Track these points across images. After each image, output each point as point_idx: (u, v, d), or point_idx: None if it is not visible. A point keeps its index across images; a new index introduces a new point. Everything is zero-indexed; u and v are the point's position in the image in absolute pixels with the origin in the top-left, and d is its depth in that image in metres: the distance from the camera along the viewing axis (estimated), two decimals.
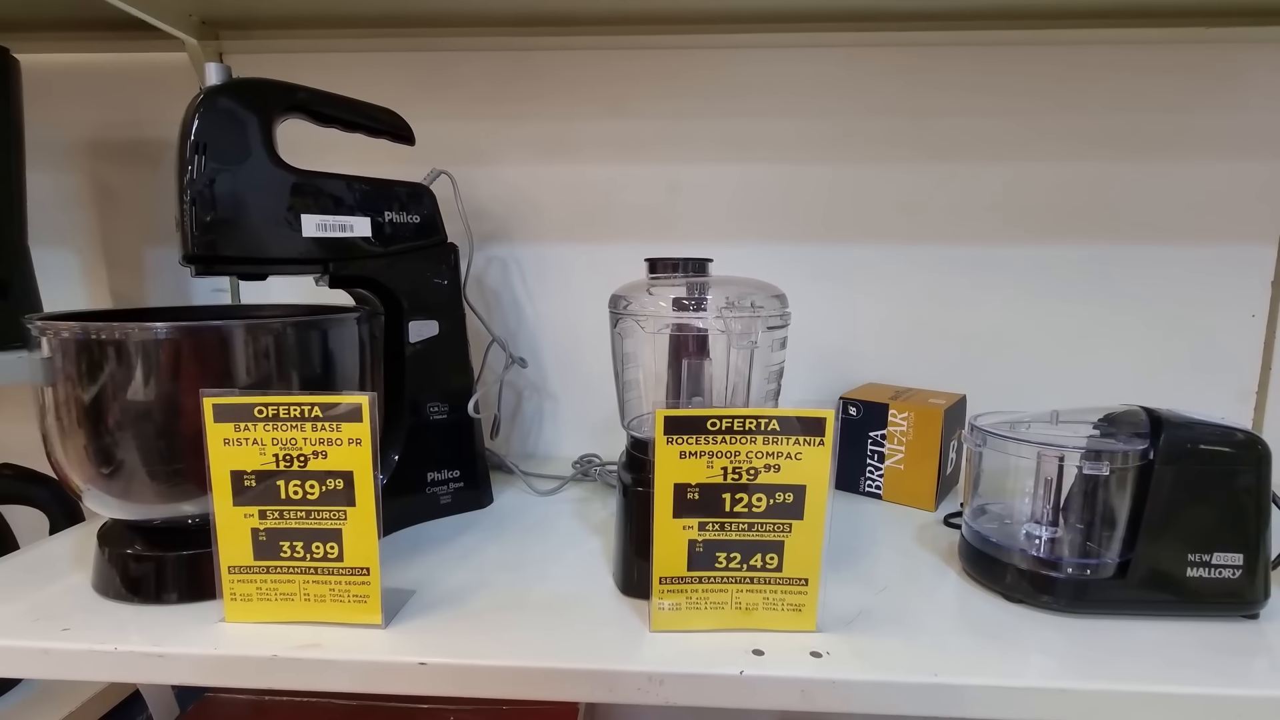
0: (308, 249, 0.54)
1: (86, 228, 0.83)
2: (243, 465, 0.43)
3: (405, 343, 0.60)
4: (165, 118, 0.81)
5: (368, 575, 0.43)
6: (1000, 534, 0.50)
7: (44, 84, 0.73)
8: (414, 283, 0.60)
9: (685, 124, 0.77)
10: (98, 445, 0.45)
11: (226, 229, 0.50)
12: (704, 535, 0.42)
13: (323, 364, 0.50)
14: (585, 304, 0.81)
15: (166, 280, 0.85)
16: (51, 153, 0.80)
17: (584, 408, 0.83)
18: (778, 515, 0.41)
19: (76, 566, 0.52)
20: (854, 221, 0.77)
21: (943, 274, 0.77)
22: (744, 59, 0.76)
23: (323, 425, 0.42)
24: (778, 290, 0.48)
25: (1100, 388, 0.77)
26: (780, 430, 0.40)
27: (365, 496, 0.42)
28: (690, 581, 0.42)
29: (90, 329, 0.43)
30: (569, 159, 0.79)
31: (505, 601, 0.47)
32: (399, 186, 0.59)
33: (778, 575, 0.42)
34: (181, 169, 0.49)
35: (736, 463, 0.41)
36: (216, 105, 0.49)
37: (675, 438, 0.40)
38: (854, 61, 0.75)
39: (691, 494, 0.41)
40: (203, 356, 0.45)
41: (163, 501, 0.46)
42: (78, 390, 0.44)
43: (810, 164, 0.77)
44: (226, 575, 0.44)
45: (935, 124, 0.75)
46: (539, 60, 0.77)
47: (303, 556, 0.43)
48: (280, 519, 0.43)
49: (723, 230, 0.78)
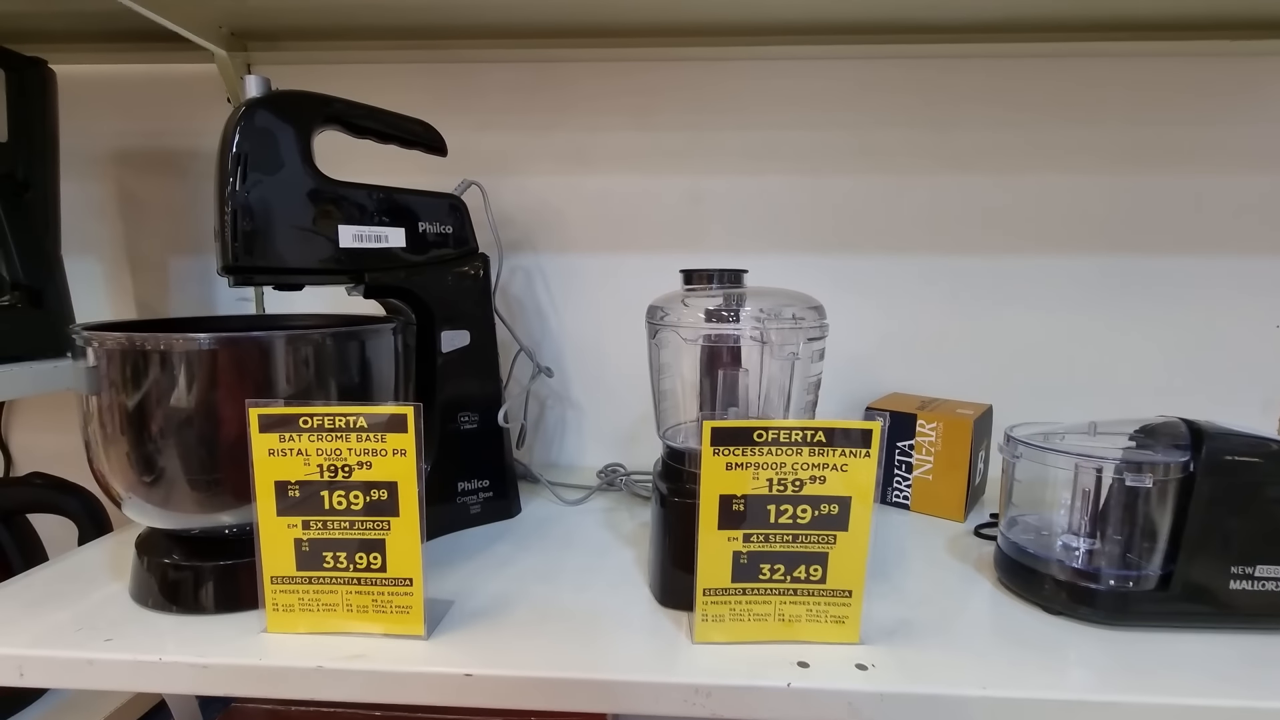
0: (344, 259, 0.54)
1: (112, 237, 0.84)
2: (287, 475, 0.43)
3: (437, 352, 0.60)
4: (193, 128, 0.82)
5: (410, 586, 0.43)
6: (1037, 545, 0.50)
7: (72, 94, 0.73)
8: (446, 292, 0.60)
9: (709, 135, 0.78)
10: (140, 453, 0.45)
11: (266, 240, 0.50)
12: (748, 547, 0.42)
13: (360, 374, 0.50)
14: (609, 314, 0.81)
15: (191, 289, 0.85)
16: (79, 162, 0.81)
17: (607, 417, 0.83)
18: (822, 527, 0.41)
19: (113, 575, 0.52)
20: (876, 232, 0.78)
21: (964, 285, 0.78)
22: (767, 71, 0.76)
23: (367, 436, 0.42)
24: (815, 301, 0.48)
25: (1124, 399, 0.77)
26: (827, 442, 0.40)
27: (409, 507, 0.43)
28: (734, 593, 0.42)
29: (136, 339, 0.44)
30: (594, 170, 0.79)
31: (544, 612, 0.47)
32: (433, 197, 0.60)
33: (821, 587, 0.42)
34: (222, 180, 0.49)
35: (782, 474, 0.41)
36: (257, 117, 0.50)
37: (722, 449, 0.40)
38: (875, 74, 0.76)
39: (737, 505, 0.41)
40: (246, 367, 0.45)
41: (203, 511, 0.47)
42: (122, 399, 0.44)
43: (832, 175, 0.77)
44: (269, 585, 0.44)
45: (956, 136, 0.76)
46: (564, 72, 0.78)
47: (345, 567, 0.43)
48: (324, 529, 0.43)
49: (746, 241, 0.79)
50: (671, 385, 0.53)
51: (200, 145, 0.82)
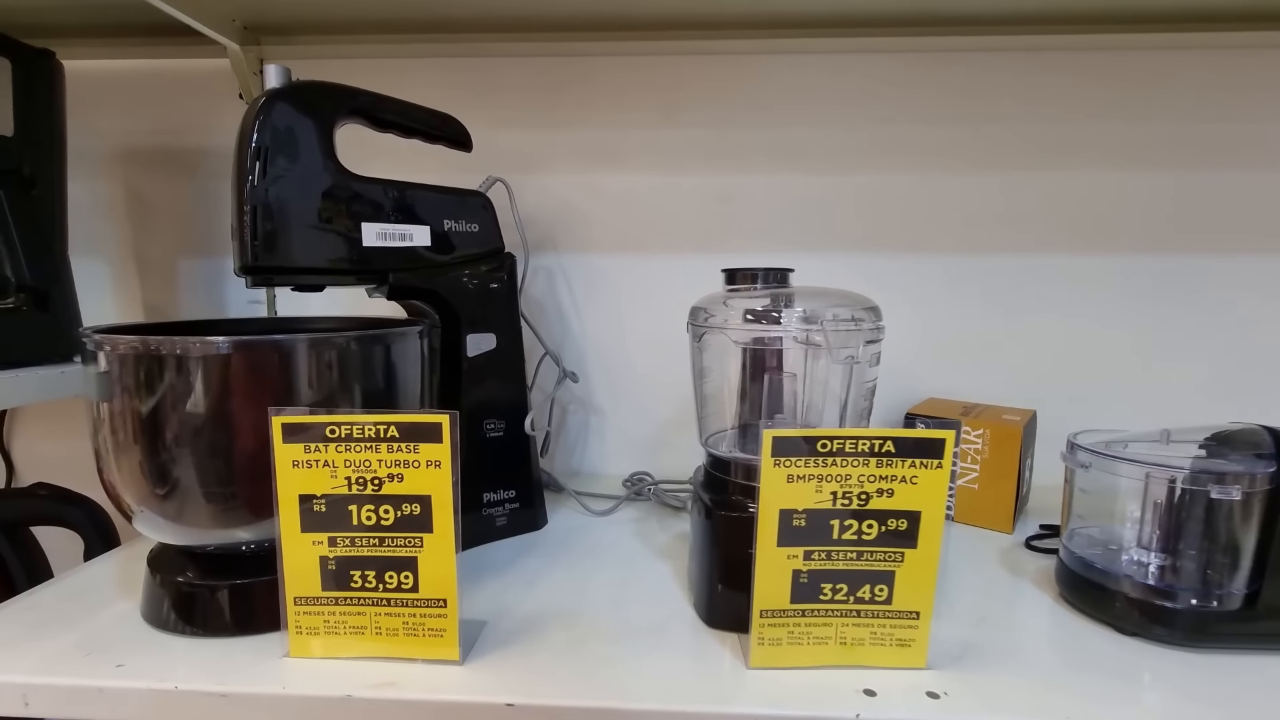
0: (368, 259, 0.51)
1: (119, 237, 0.81)
2: (312, 489, 0.40)
3: (463, 356, 0.57)
4: (204, 125, 0.79)
5: (445, 608, 0.40)
6: (1105, 560, 0.47)
7: (79, 90, 0.71)
8: (472, 294, 0.57)
9: (737, 132, 0.75)
10: (155, 464, 0.42)
11: (287, 238, 0.47)
12: (809, 565, 0.39)
13: (386, 379, 0.48)
14: (633, 316, 0.78)
15: (201, 292, 0.82)
16: (85, 160, 0.78)
17: (631, 423, 0.80)
18: (889, 543, 0.38)
19: (122, 593, 0.49)
20: (908, 232, 0.75)
21: (1000, 286, 0.75)
22: (795, 66, 0.74)
23: (399, 446, 0.39)
24: (870, 301, 0.45)
25: (1168, 404, 0.74)
26: (895, 452, 0.37)
27: (444, 522, 0.40)
28: (792, 615, 0.39)
29: (151, 343, 0.41)
30: (618, 168, 0.77)
31: (584, 634, 0.44)
32: (458, 194, 0.57)
33: (887, 608, 0.39)
34: (240, 176, 0.47)
35: (847, 487, 0.38)
36: (278, 109, 0.47)
37: (783, 460, 0.37)
38: (907, 68, 0.73)
39: (798, 520, 0.38)
40: (266, 372, 0.43)
41: (220, 526, 0.44)
42: (135, 406, 0.41)
43: (863, 173, 0.75)
44: (292, 607, 0.41)
45: (990, 132, 0.73)
46: (587, 66, 0.75)
47: (375, 587, 0.40)
48: (351, 547, 0.40)
49: (775, 241, 0.76)
50: (715, 390, 0.50)
51: (211, 143, 0.79)
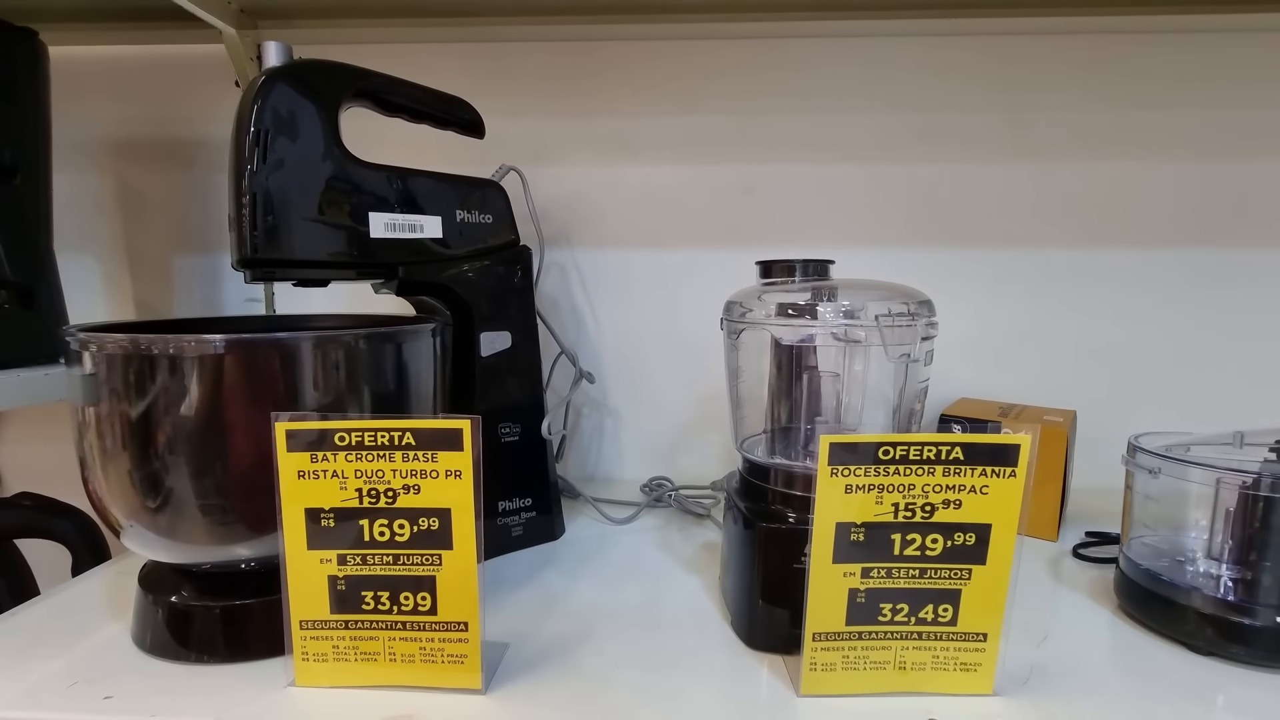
0: (376, 251, 0.48)
1: (109, 232, 0.77)
2: (320, 502, 0.36)
3: (476, 356, 0.54)
4: (199, 114, 0.75)
5: (465, 631, 0.37)
6: (1173, 572, 0.44)
7: (65, 77, 0.67)
8: (486, 289, 0.54)
9: (761, 121, 0.72)
10: (145, 474, 0.38)
11: (289, 229, 0.44)
12: (867, 583, 0.35)
13: (397, 381, 0.44)
14: (651, 314, 0.75)
15: (195, 289, 0.78)
16: (72, 151, 0.74)
17: (648, 426, 0.76)
18: (955, 559, 0.35)
19: (112, 614, 0.45)
20: (942, 224, 0.72)
21: (1038, 280, 0.72)
22: (823, 50, 0.70)
23: (416, 455, 0.36)
24: (923, 294, 0.42)
25: (1214, 404, 0.71)
26: (965, 459, 0.34)
27: (465, 538, 0.36)
28: (847, 638, 0.36)
29: (141, 342, 0.37)
30: (635, 158, 0.73)
31: (616, 657, 0.40)
32: (471, 183, 0.54)
33: (951, 630, 0.36)
34: (239, 162, 0.43)
35: (910, 498, 0.34)
36: (279, 90, 0.44)
37: (842, 468, 0.34)
38: (942, 53, 0.70)
39: (855, 535, 0.35)
40: (267, 374, 0.39)
41: (216, 543, 0.40)
42: (124, 411, 0.38)
43: (895, 163, 0.71)
44: (298, 631, 0.37)
45: (1030, 119, 0.70)
46: (604, 52, 0.72)
47: (389, 609, 0.37)
48: (363, 565, 0.37)
49: (801, 234, 0.73)
50: (751, 391, 0.46)
51: (206, 133, 0.75)
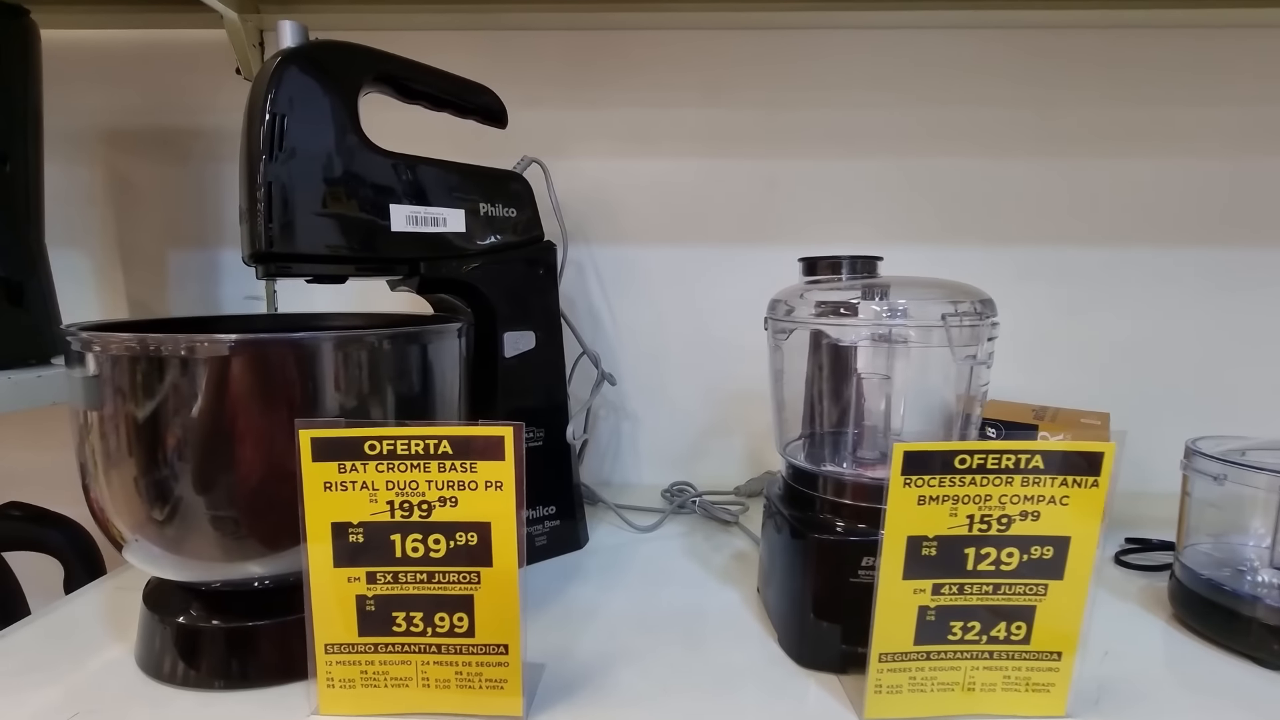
0: (397, 246, 0.45)
1: (101, 226, 0.74)
2: (348, 516, 0.34)
3: (500, 357, 0.51)
4: (197, 103, 0.72)
5: (506, 654, 0.34)
6: (1235, 582, 0.42)
7: (55, 62, 0.63)
8: (510, 287, 0.51)
9: (785, 114, 0.70)
10: (153, 483, 0.35)
11: (307, 221, 0.41)
12: (937, 600, 0.33)
13: (422, 385, 0.41)
14: (670, 313, 0.73)
15: (191, 287, 0.75)
16: (62, 141, 0.70)
17: (667, 430, 0.74)
18: (1031, 574, 0.33)
19: (114, 634, 0.42)
20: (969, 221, 0.70)
21: (1067, 278, 0.70)
22: (851, 41, 0.68)
23: (453, 465, 0.33)
24: (983, 292, 0.40)
25: (1249, 406, 0.70)
26: (1045, 468, 0.32)
27: (505, 554, 0.34)
28: (915, 657, 0.34)
29: (150, 342, 0.34)
30: (655, 151, 0.71)
31: (661, 678, 0.38)
32: (493, 175, 0.51)
33: (1024, 648, 0.34)
34: (252, 149, 0.40)
35: (986, 509, 0.32)
36: (296, 72, 0.41)
37: (915, 478, 0.32)
38: (971, 45, 0.68)
39: (928, 548, 0.33)
40: (286, 376, 0.36)
41: (230, 559, 0.37)
42: (132, 416, 0.35)
43: (922, 158, 0.69)
44: (322, 655, 0.34)
45: (1061, 114, 0.68)
46: (623, 41, 0.69)
47: (422, 631, 0.34)
48: (394, 583, 0.34)
49: (827, 231, 0.71)
50: (797, 393, 0.44)
51: (204, 123, 0.72)
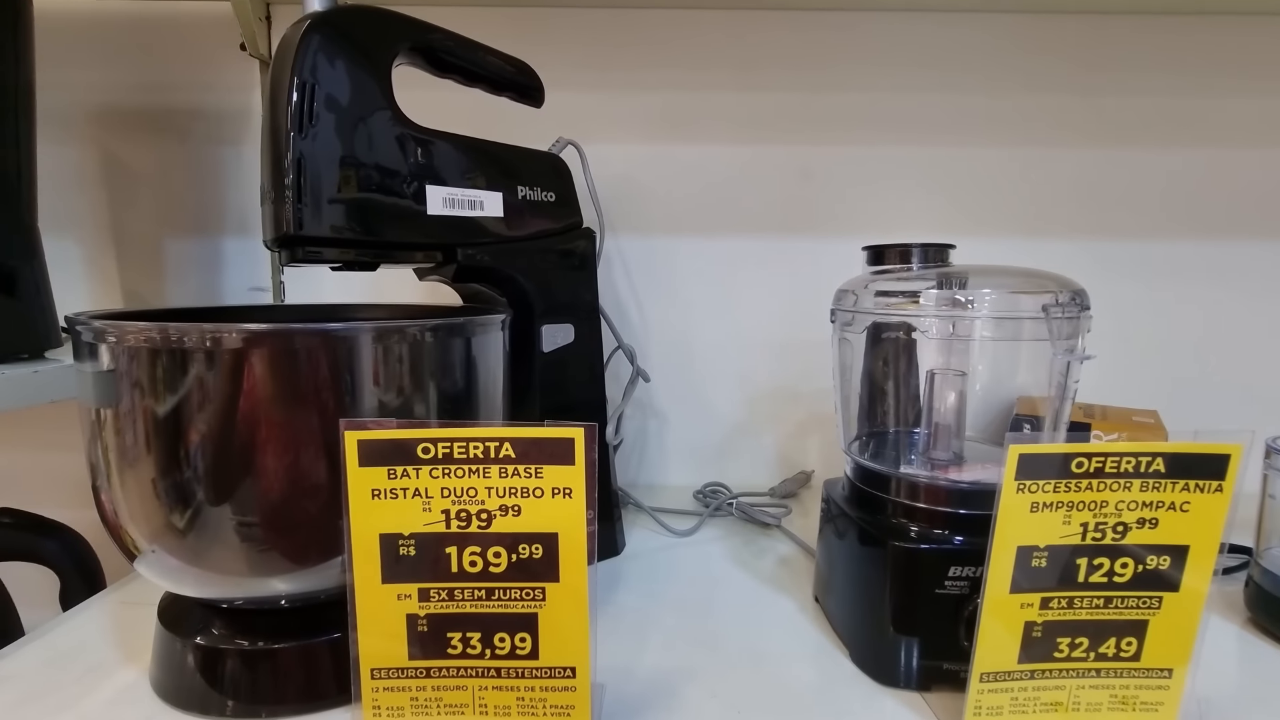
0: (432, 230, 0.41)
1: (93, 212, 0.69)
2: (398, 526, 0.30)
3: (537, 351, 0.48)
4: (198, 81, 0.67)
5: (574, 678, 0.31)
6: None
7: (43, 35, 0.58)
8: (549, 277, 0.48)
9: (822, 98, 0.67)
10: (174, 486, 0.32)
11: (339, 202, 0.37)
12: (1045, 615, 0.31)
13: (465, 380, 0.38)
14: (701, 307, 0.70)
15: (190, 277, 0.71)
16: (52, 120, 0.64)
17: (696, 428, 0.71)
18: (1146, 586, 0.31)
19: (124, 655, 0.39)
20: (1014, 212, 0.68)
21: (1115, 271, 0.68)
22: (890, 25, 0.66)
23: (516, 470, 0.30)
24: (1075, 283, 0.37)
25: None
26: (1166, 472, 0.29)
27: (574, 568, 0.30)
28: (1018, 677, 0.31)
29: (172, 332, 0.30)
30: (685, 138, 0.68)
31: (733, 700, 0.35)
32: (531, 156, 0.48)
33: (1133, 665, 0.31)
34: (277, 122, 0.36)
35: (1102, 517, 0.30)
36: (327, 38, 0.37)
37: (1029, 483, 0.29)
38: (1017, 30, 0.66)
39: (1038, 559, 0.30)
40: (320, 370, 0.32)
41: (257, 573, 0.34)
42: (151, 413, 0.31)
43: (965, 147, 0.67)
44: (368, 680, 0.31)
45: (1110, 103, 0.66)
46: (653, 21, 0.66)
47: (480, 653, 0.31)
48: (450, 601, 0.31)
49: (865, 222, 0.68)
50: (863, 390, 0.41)
51: (206, 102, 0.68)
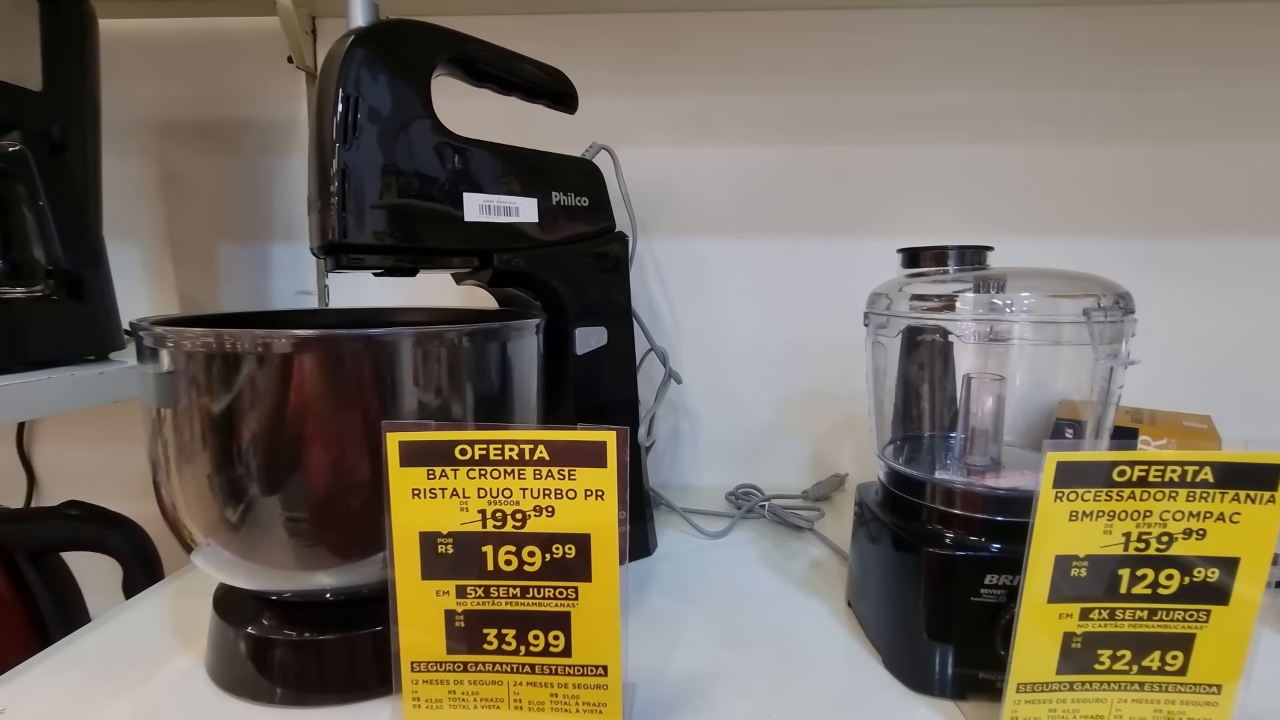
0: (470, 236, 0.42)
1: (152, 220, 0.73)
2: (437, 525, 0.31)
3: (571, 354, 0.49)
4: (248, 94, 0.70)
5: (605, 676, 0.32)
6: None
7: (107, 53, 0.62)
8: (583, 281, 0.49)
9: (855, 97, 0.66)
10: (227, 481, 0.33)
11: (382, 210, 0.39)
12: (1085, 626, 0.30)
13: (501, 384, 0.39)
14: (733, 309, 0.70)
15: (241, 281, 0.74)
16: (113, 133, 0.68)
17: (727, 430, 0.71)
18: (1193, 599, 0.30)
19: (180, 641, 0.41)
20: (1053, 210, 0.66)
21: (1157, 270, 0.66)
22: (924, 21, 0.65)
23: (550, 471, 0.31)
24: (1119, 285, 0.36)
25: None
26: (1215, 482, 0.28)
27: (605, 568, 0.31)
28: (1056, 688, 0.31)
29: (227, 338, 0.32)
30: (717, 139, 0.68)
31: (764, 702, 0.35)
32: (564, 162, 0.48)
33: (1179, 680, 0.31)
34: (324, 133, 0.38)
35: (1145, 527, 0.29)
36: (371, 51, 0.38)
37: (1068, 492, 0.29)
38: (1054, 23, 0.64)
39: (1077, 569, 0.29)
40: (363, 374, 0.34)
41: (304, 567, 0.35)
42: (207, 412, 0.33)
43: (1002, 144, 0.66)
44: (409, 672, 0.32)
45: (1151, 97, 0.64)
46: (683, 24, 0.66)
47: (515, 649, 0.32)
48: (486, 598, 0.32)
49: (900, 222, 0.67)
50: (902, 393, 0.41)
51: (254, 114, 0.70)
